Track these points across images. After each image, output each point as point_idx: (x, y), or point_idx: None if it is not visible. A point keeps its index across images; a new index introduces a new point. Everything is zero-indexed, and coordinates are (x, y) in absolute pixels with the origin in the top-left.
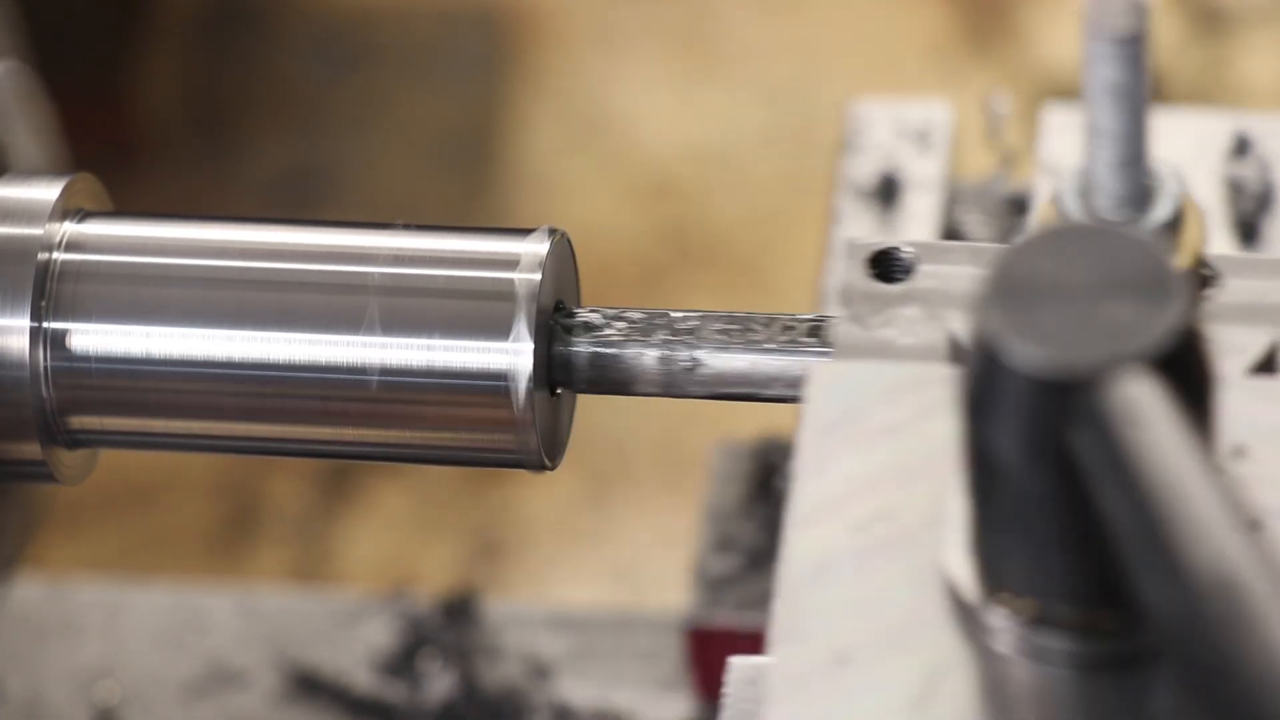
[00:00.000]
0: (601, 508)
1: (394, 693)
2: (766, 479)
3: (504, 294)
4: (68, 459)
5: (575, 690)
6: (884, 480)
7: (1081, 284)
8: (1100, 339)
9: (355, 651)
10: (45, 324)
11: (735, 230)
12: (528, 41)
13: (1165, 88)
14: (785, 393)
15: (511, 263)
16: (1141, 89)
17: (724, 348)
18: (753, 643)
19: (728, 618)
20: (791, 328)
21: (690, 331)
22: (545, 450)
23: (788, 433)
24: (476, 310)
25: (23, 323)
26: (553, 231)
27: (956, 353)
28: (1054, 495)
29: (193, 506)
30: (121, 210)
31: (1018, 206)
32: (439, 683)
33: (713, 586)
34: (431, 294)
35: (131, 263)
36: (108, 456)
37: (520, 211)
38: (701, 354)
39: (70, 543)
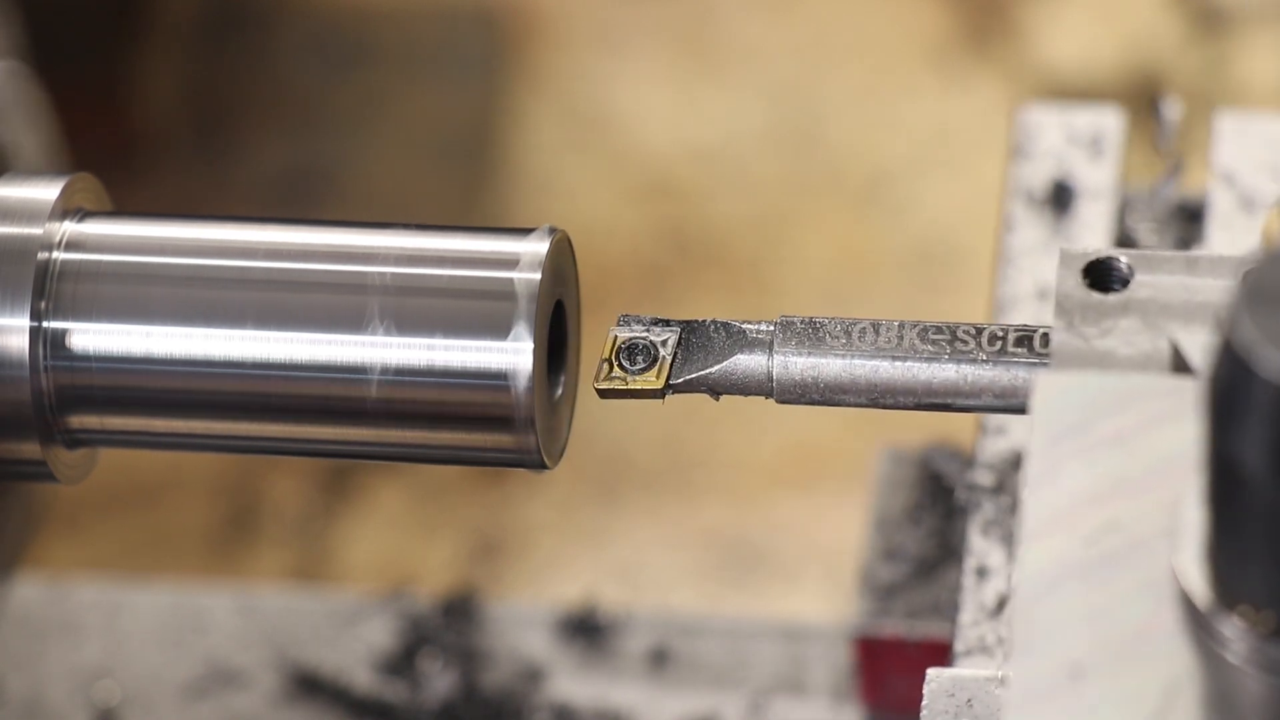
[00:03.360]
0: (602, 508)
1: (394, 693)
2: (934, 486)
3: (504, 293)
4: (67, 458)
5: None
6: (1113, 491)
7: None
8: None
9: (355, 651)
10: (45, 323)
11: (735, 230)
12: (528, 41)
13: (1165, 88)
14: (994, 403)
15: (511, 262)
16: None
17: (932, 358)
18: (922, 651)
19: (896, 627)
20: (1000, 337)
21: (896, 342)
22: (545, 450)
23: (953, 439)
24: (476, 310)
25: (22, 322)
26: (553, 231)
27: (1179, 363)
28: None
29: (193, 506)
30: (121, 210)
31: (1189, 214)
32: (439, 683)
33: (881, 595)
34: (432, 293)
35: (131, 262)
36: (108, 456)
37: (520, 211)
38: (908, 365)
39: (70, 543)
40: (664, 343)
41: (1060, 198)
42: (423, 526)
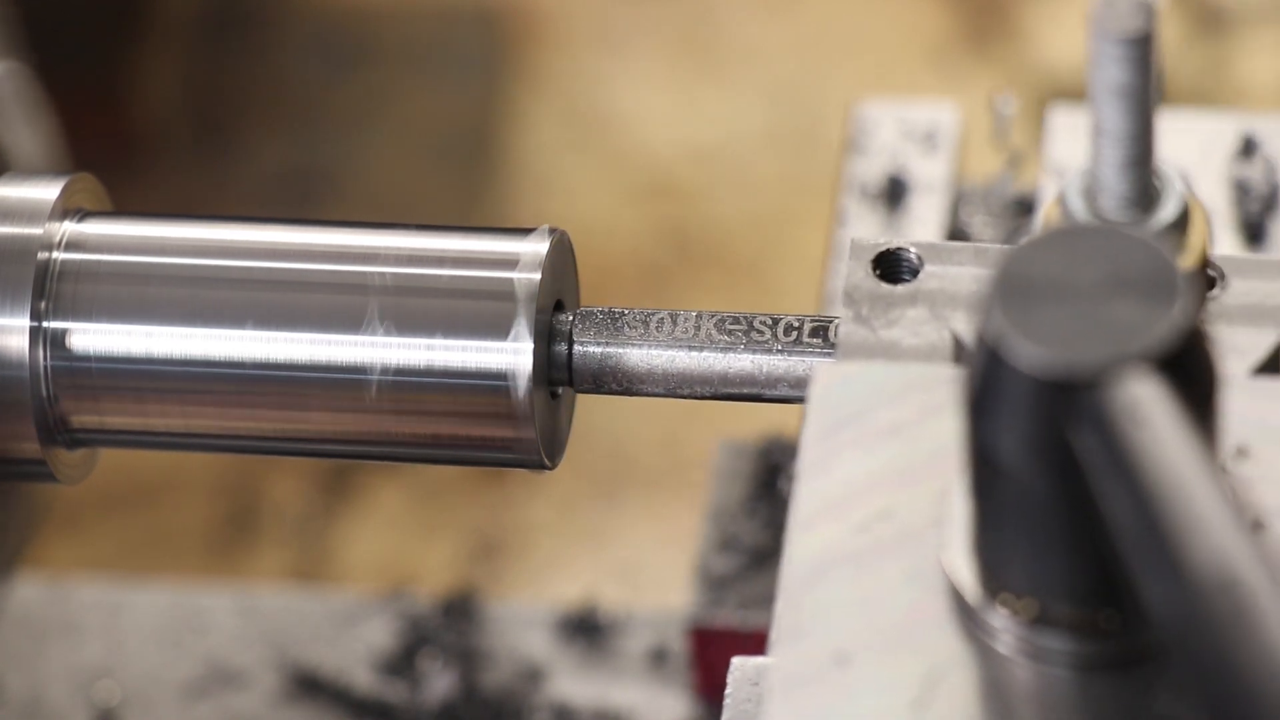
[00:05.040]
0: (601, 508)
1: (394, 693)
2: (770, 478)
3: (504, 294)
4: (68, 459)
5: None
6: (887, 480)
7: (1086, 284)
8: (1104, 339)
9: (355, 651)
10: (45, 324)
11: (735, 230)
12: (528, 41)
13: (1165, 88)
14: (790, 393)
15: (511, 262)
16: (1148, 90)
17: (728, 349)
18: (755, 642)
19: (729, 617)
20: (796, 328)
21: (693, 332)
22: (545, 450)
23: (792, 432)
24: (476, 310)
25: (23, 322)
26: (552, 231)
27: (960, 353)
28: (1055, 495)
29: (193, 506)
30: (121, 210)
31: (1023, 208)
32: (439, 683)
33: (715, 586)
34: (432, 294)
35: (131, 262)
36: (108, 456)
37: (520, 211)
38: (704, 355)
39: (70, 543)
40: None
41: (893, 192)
42: (423, 526)
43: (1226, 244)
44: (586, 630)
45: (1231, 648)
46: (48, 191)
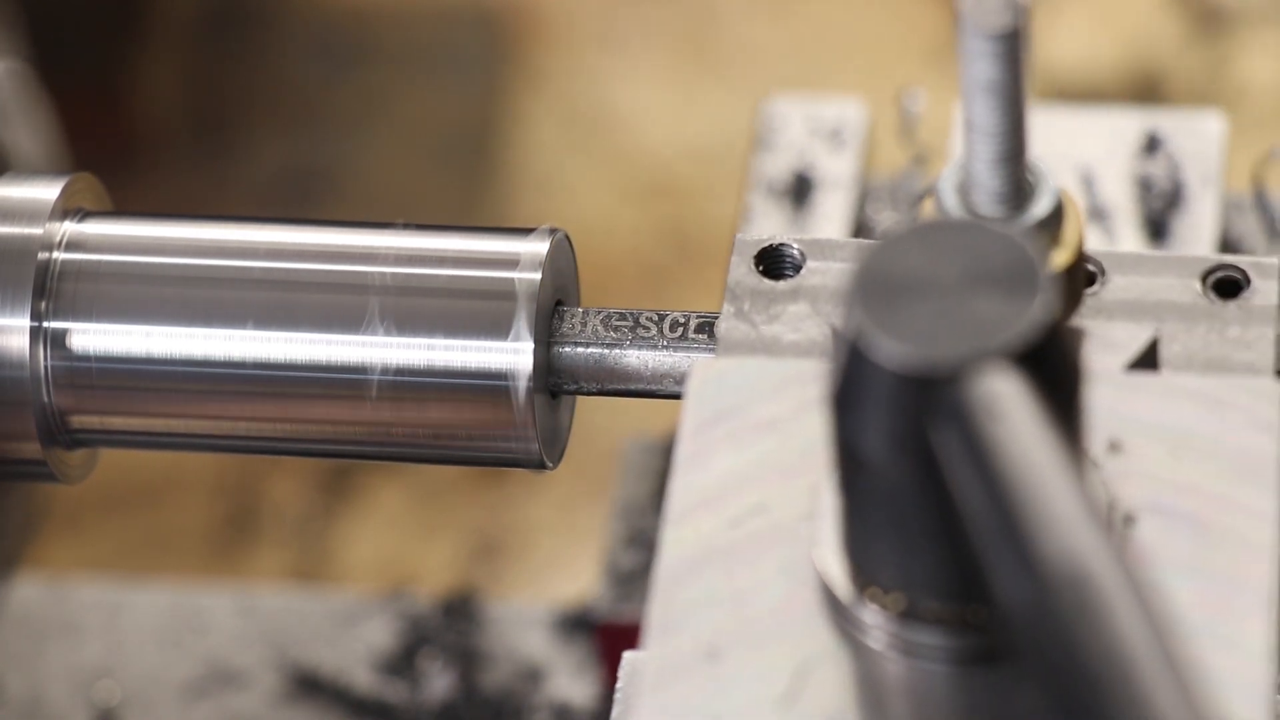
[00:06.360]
0: (601, 507)
1: (394, 693)
2: None
3: (504, 294)
4: (68, 459)
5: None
6: (762, 475)
7: (947, 279)
8: (963, 334)
9: (355, 651)
10: (45, 324)
11: (735, 230)
12: (528, 41)
13: (1165, 88)
14: (676, 389)
15: (511, 262)
16: (1018, 86)
17: (614, 345)
18: None
19: (636, 612)
20: (682, 324)
21: (579, 328)
22: (545, 450)
23: None
24: (477, 310)
25: (23, 322)
26: (553, 231)
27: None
28: (918, 490)
29: (193, 506)
30: (121, 210)
31: None
32: (439, 683)
33: (623, 581)
34: (432, 293)
35: (131, 262)
36: (108, 456)
37: (520, 211)
38: (589, 351)
39: (70, 543)
40: None
41: (800, 189)
42: (423, 526)
43: (1129, 240)
44: (587, 630)
45: (1077, 642)
46: (48, 191)
